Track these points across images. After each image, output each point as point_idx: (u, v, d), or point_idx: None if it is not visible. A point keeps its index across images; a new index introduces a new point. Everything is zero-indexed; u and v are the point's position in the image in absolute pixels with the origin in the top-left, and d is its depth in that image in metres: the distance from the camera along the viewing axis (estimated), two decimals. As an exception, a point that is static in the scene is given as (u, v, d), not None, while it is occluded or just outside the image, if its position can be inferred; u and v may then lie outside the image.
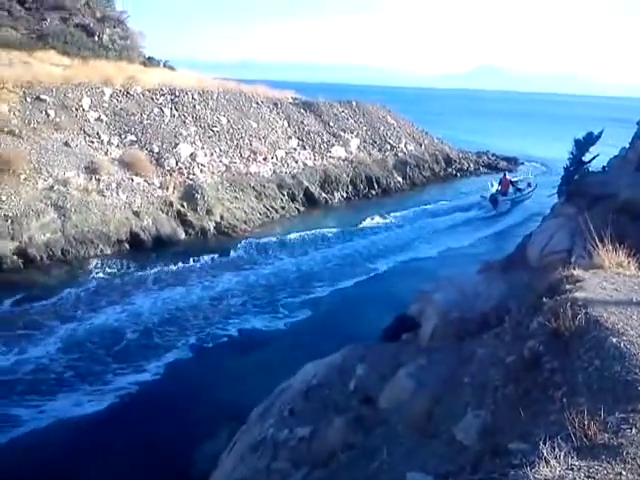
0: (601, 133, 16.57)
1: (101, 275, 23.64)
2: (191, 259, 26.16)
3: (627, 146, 23.05)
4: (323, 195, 38.94)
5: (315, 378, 10.05)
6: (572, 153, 16.06)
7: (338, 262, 27.23)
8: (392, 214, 36.75)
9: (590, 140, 16.28)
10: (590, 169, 16.35)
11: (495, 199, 38.47)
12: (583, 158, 15.91)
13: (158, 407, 14.61)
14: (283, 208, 35.21)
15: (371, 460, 6.75)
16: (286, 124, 42.72)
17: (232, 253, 27.59)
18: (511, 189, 40.32)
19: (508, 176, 42.02)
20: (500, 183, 40.47)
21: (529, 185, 42.39)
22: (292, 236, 30.77)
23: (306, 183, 38.33)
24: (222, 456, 9.95)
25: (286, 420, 9.22)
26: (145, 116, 33.96)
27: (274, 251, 28.39)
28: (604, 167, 19.97)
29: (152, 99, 35.47)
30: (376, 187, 43.14)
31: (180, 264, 25.50)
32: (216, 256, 26.86)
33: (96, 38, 47.61)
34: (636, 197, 10.64)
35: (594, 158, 16.81)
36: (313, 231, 31.89)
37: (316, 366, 10.59)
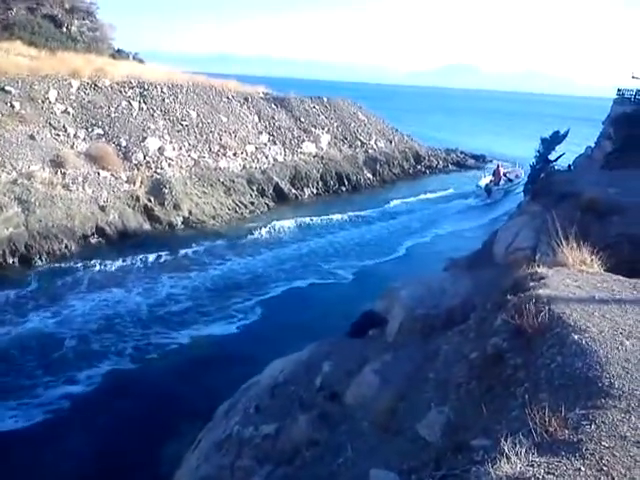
0: (567, 132, 16.89)
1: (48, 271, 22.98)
2: (154, 255, 25.66)
3: (592, 145, 23.55)
4: (293, 191, 38.81)
5: (282, 375, 9.99)
6: (538, 152, 16.32)
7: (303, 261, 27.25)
8: (365, 211, 37.05)
9: (556, 139, 16.57)
10: (556, 168, 16.62)
11: (489, 189, 41.18)
12: (549, 157, 16.16)
13: (121, 410, 14.34)
14: (252, 204, 34.98)
15: (335, 456, 6.73)
16: (256, 119, 42.45)
17: (197, 249, 27.23)
18: (503, 179, 43.01)
19: (501, 167, 44.78)
20: (493, 174, 43.49)
21: (517, 176, 44.71)
22: (262, 231, 30.55)
23: (276, 179, 38.15)
24: (186, 455, 9.82)
25: (251, 417, 9.14)
26: (113, 109, 33.37)
27: (238, 248, 28.15)
28: (570, 166, 20.33)
29: (120, 92, 34.86)
30: (346, 183, 43.21)
31: (140, 260, 24.99)
32: (182, 251, 26.52)
33: (64, 29, 46.70)
34: (601, 196, 10.80)
35: (560, 157, 17.11)
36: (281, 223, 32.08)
37: (283, 362, 10.53)
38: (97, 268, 23.79)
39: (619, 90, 24.85)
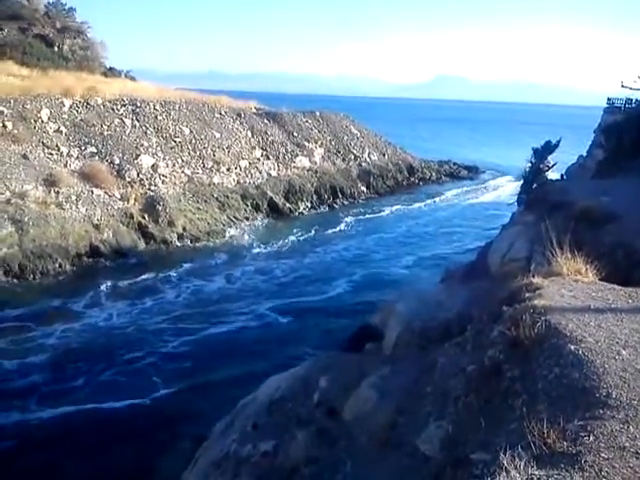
0: (559, 142, 16.94)
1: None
2: (146, 274, 25.51)
3: (585, 154, 23.69)
4: (287, 205, 38.90)
5: (279, 391, 9.92)
6: (531, 162, 16.37)
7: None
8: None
9: (548, 149, 16.62)
10: (549, 177, 16.69)
11: None
12: (541, 166, 16.21)
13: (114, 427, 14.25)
14: (247, 219, 35.01)
15: (334, 473, 6.67)
16: (249, 134, 42.58)
17: (190, 265, 27.12)
18: None
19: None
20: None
21: None
22: (257, 250, 30.52)
23: (270, 193, 38.24)
24: (184, 474, 9.71)
25: (249, 435, 9.06)
26: (106, 127, 33.44)
27: (236, 264, 28.09)
28: (562, 175, 20.44)
29: (113, 110, 34.96)
30: (340, 197, 43.32)
31: (132, 280, 24.79)
32: (174, 270, 26.41)
33: (56, 49, 46.87)
34: (594, 205, 10.82)
35: (552, 166, 17.17)
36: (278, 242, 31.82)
37: (280, 379, 10.46)
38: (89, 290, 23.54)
39: (609, 99, 25.07)
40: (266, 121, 45.43)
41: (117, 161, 31.84)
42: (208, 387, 15.83)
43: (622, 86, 23.60)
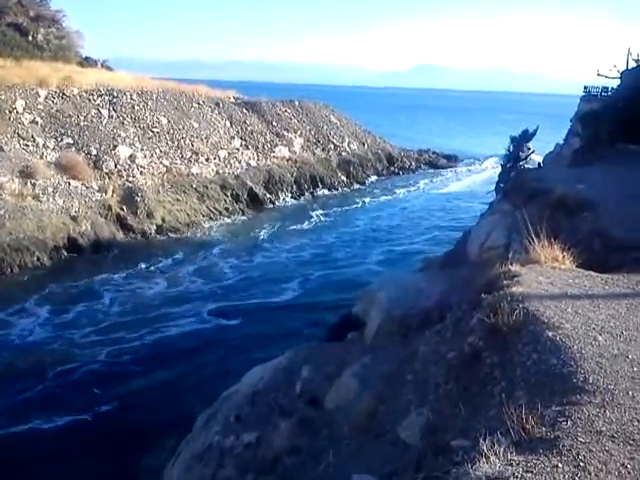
0: (536, 130, 17.11)
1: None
2: (126, 266, 25.18)
3: (562, 142, 23.89)
4: (268, 195, 38.78)
5: (261, 381, 9.93)
6: (508, 150, 16.50)
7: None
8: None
9: (525, 137, 16.77)
10: (526, 166, 16.83)
11: None
12: (519, 155, 16.35)
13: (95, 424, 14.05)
14: (227, 209, 34.84)
15: (317, 463, 6.71)
16: (228, 124, 42.29)
17: (165, 260, 26.62)
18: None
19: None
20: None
21: None
22: (237, 239, 30.35)
23: (250, 183, 38.06)
24: (167, 468, 9.70)
25: (232, 426, 9.06)
26: (82, 118, 32.93)
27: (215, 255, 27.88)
28: (539, 164, 20.60)
29: (89, 100, 34.41)
30: (320, 186, 43.30)
31: (106, 276, 24.32)
32: (154, 262, 26.13)
33: (30, 38, 45.90)
34: (570, 193, 10.94)
35: (530, 155, 17.34)
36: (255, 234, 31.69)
37: (262, 369, 10.47)
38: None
39: (585, 87, 25.25)
40: (245, 111, 45.12)
41: (94, 152, 31.42)
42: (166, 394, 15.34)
43: (598, 74, 23.77)
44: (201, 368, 16.83)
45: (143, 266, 25.56)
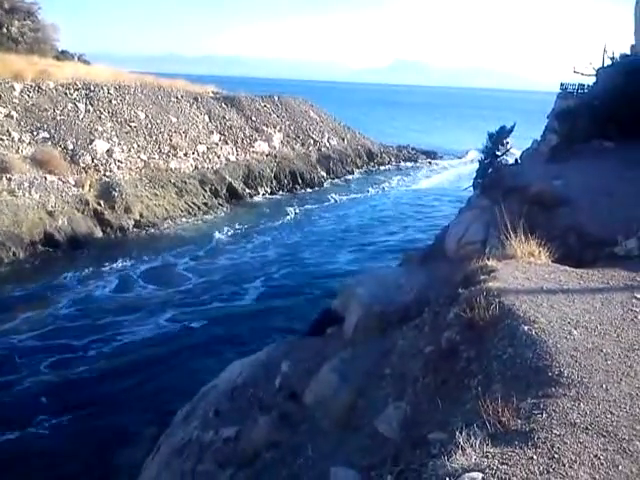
0: (513, 126, 17.21)
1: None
2: (100, 263, 24.80)
3: (539, 139, 24.12)
4: (247, 190, 38.67)
5: (240, 377, 9.93)
6: (486, 146, 16.60)
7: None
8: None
9: (503, 133, 16.88)
10: (503, 162, 16.96)
11: None
12: (497, 151, 16.45)
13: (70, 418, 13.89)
14: (206, 204, 34.66)
15: (296, 457, 6.73)
16: (207, 119, 42.02)
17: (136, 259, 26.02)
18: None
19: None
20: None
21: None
22: (218, 236, 30.17)
23: (229, 178, 37.90)
24: (146, 462, 9.66)
25: (211, 421, 9.06)
26: (58, 112, 32.46)
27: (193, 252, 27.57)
28: (517, 160, 20.78)
29: (66, 94, 33.92)
30: (300, 181, 43.26)
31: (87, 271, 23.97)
32: (128, 259, 25.72)
33: (4, 30, 45.03)
34: (546, 189, 11.07)
35: (507, 151, 17.46)
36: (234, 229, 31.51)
37: (241, 364, 10.47)
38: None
39: (562, 84, 25.50)
40: (224, 105, 44.87)
41: (71, 146, 31.01)
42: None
43: (574, 72, 24.02)
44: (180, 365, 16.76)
45: (117, 264, 25.11)
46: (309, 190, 42.84)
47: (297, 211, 36.39)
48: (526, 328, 4.97)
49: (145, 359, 17.18)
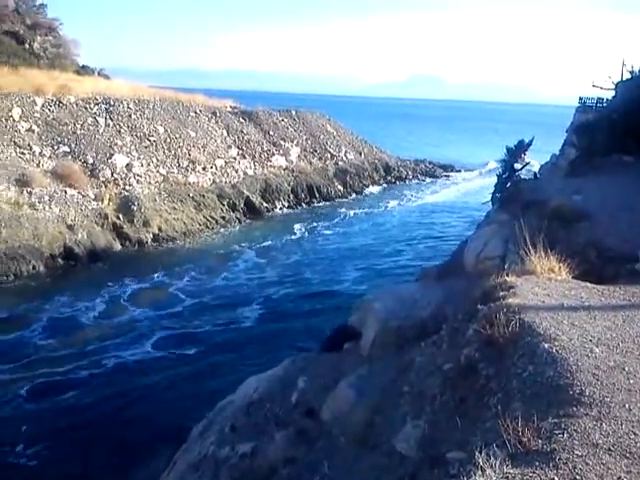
0: (532, 140, 17.09)
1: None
2: (118, 278, 24.72)
3: (557, 153, 23.98)
4: (264, 204, 38.81)
5: (257, 392, 9.89)
6: (504, 160, 16.50)
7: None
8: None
9: (521, 147, 16.77)
10: (522, 176, 16.85)
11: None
12: (515, 165, 16.35)
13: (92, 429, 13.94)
14: (224, 218, 34.84)
15: (313, 474, 6.67)
16: (225, 133, 42.38)
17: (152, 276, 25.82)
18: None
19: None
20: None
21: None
22: (234, 247, 30.24)
23: (247, 192, 38.08)
24: (161, 478, 9.64)
25: (227, 437, 9.02)
26: (79, 126, 32.99)
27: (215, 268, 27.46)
28: (535, 174, 20.65)
29: (86, 108, 34.49)
30: (317, 195, 43.35)
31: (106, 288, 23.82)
32: (146, 274, 25.64)
33: (26, 46, 45.99)
34: (566, 203, 10.97)
35: (526, 165, 17.35)
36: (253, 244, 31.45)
37: (258, 380, 10.43)
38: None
39: (581, 98, 25.38)
40: (242, 120, 45.25)
41: (91, 160, 31.44)
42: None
43: (593, 86, 23.89)
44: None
45: (134, 279, 25.00)
46: (327, 203, 42.91)
47: (311, 226, 36.27)
48: (547, 346, 4.90)
49: (172, 371, 17.40)
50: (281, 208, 39.89)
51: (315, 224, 36.78)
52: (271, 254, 30.35)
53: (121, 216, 29.57)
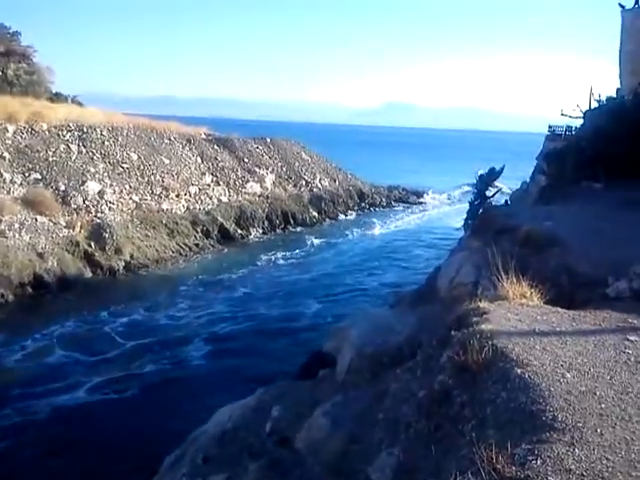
0: (502, 168, 17.48)
1: None
2: (84, 308, 24.12)
3: (528, 180, 24.43)
4: (239, 231, 38.71)
5: (230, 422, 9.72)
6: (476, 188, 16.78)
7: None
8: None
9: (492, 175, 17.11)
10: (493, 203, 17.14)
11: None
12: (486, 192, 16.63)
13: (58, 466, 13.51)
14: (197, 245, 34.61)
15: (287, 505, 6.55)
16: (199, 160, 42.35)
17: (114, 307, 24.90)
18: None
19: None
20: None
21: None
22: (203, 277, 29.93)
23: (221, 219, 37.98)
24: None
25: (200, 468, 8.82)
26: (51, 153, 32.64)
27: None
28: (506, 201, 21.00)
29: (58, 135, 34.18)
30: (292, 222, 43.43)
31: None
32: (115, 304, 24.99)
33: (0, 73, 45.64)
34: (537, 229, 11.13)
35: (497, 192, 17.67)
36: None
37: (231, 409, 10.27)
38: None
39: (550, 126, 25.95)
40: (216, 147, 45.32)
41: (62, 187, 31.07)
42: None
43: (562, 114, 24.48)
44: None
45: (102, 310, 24.32)
46: (301, 230, 42.90)
47: (282, 254, 35.89)
48: (519, 371, 4.91)
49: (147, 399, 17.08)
50: (255, 235, 39.81)
51: (285, 253, 36.34)
52: (235, 284, 29.68)
53: (92, 243, 29.18)
